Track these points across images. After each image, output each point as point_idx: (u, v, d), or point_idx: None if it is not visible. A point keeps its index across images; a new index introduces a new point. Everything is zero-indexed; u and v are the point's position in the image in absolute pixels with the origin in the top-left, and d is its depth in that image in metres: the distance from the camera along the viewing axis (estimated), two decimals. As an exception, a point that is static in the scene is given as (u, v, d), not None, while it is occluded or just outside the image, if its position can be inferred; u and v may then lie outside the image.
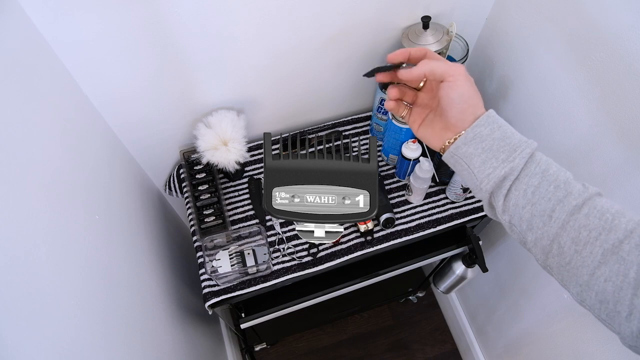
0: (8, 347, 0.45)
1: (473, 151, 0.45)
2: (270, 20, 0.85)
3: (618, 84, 0.72)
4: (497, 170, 0.44)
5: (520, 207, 0.44)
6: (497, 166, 0.44)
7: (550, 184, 0.43)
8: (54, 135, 0.69)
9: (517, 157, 0.44)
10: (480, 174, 0.45)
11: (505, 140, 0.45)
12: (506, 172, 0.44)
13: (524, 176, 0.44)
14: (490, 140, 0.45)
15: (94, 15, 0.72)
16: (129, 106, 0.92)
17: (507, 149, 0.44)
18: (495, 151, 0.44)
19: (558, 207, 0.42)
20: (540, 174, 0.44)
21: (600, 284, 0.40)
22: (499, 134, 0.45)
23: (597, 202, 0.42)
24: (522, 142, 0.45)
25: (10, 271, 0.49)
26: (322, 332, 1.76)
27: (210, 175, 1.05)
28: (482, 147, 0.45)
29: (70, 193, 0.69)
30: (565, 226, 0.42)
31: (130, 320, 0.79)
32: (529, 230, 0.44)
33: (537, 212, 0.43)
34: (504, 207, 0.45)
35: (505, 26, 0.97)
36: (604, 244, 0.40)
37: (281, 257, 0.98)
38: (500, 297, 1.34)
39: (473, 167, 0.46)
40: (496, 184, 0.45)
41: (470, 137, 0.45)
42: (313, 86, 1.06)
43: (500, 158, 0.44)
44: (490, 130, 0.45)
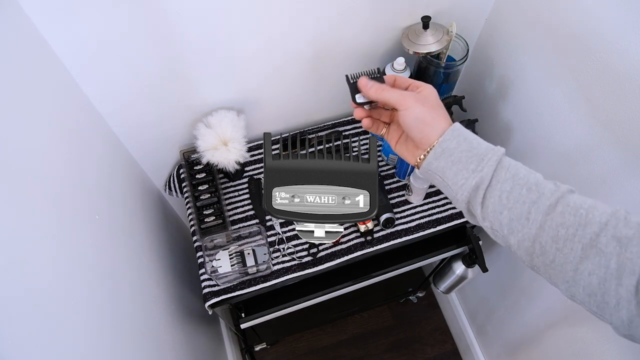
0: (8, 347, 0.45)
1: (444, 165, 0.48)
2: (270, 20, 0.85)
3: (618, 84, 0.72)
4: (469, 180, 0.46)
5: (498, 212, 0.46)
6: (468, 176, 0.46)
7: (522, 187, 0.45)
8: (55, 135, 0.69)
9: (485, 165, 0.46)
10: (454, 186, 0.48)
11: (472, 151, 0.47)
12: (477, 182, 0.46)
13: (496, 183, 0.46)
14: (458, 152, 0.47)
15: (95, 16, 0.72)
16: (129, 106, 0.92)
17: (475, 159, 0.46)
18: (465, 162, 0.46)
19: (533, 208, 0.44)
20: (510, 179, 0.45)
21: (585, 278, 0.41)
22: (466, 146, 0.47)
23: (570, 199, 0.43)
24: (488, 150, 0.47)
25: (10, 271, 0.49)
26: (322, 332, 1.76)
27: (210, 175, 1.05)
28: (451, 160, 0.47)
29: (71, 193, 0.69)
30: (543, 226, 0.43)
31: (130, 319, 0.79)
32: (510, 234, 0.46)
33: (515, 216, 0.45)
34: (483, 215, 0.47)
35: (505, 26, 0.97)
36: (582, 239, 0.41)
37: (281, 257, 0.98)
38: (500, 297, 1.34)
39: (447, 180, 0.48)
40: (470, 193, 0.47)
41: (439, 152, 0.48)
42: (313, 86, 1.06)
43: (470, 168, 0.46)
44: (456, 143, 0.47)
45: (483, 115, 1.09)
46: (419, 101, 0.49)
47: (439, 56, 0.96)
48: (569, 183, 0.89)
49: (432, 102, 0.50)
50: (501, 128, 1.06)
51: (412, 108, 0.48)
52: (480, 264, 1.08)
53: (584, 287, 0.41)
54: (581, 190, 0.89)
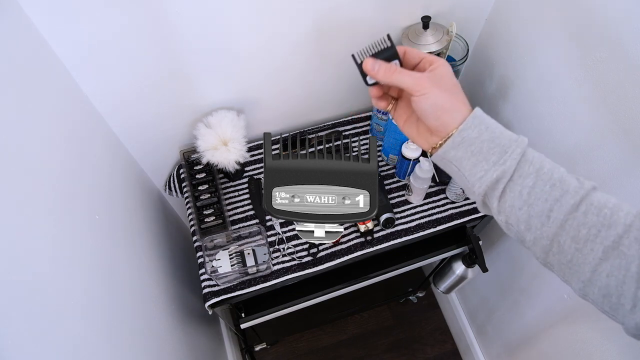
0: (8, 347, 0.45)
1: (462, 155, 0.45)
2: (271, 20, 0.85)
3: (618, 83, 0.72)
4: (489, 174, 0.43)
5: (517, 208, 0.43)
6: (488, 169, 0.44)
7: (546, 184, 0.42)
8: (54, 135, 0.69)
9: (508, 159, 0.43)
10: (471, 177, 0.45)
11: (494, 141, 0.44)
12: (498, 175, 0.43)
13: (518, 177, 0.43)
14: (479, 142, 0.44)
15: (95, 16, 0.72)
16: (129, 106, 0.92)
17: (497, 151, 0.43)
18: (485, 153, 0.44)
19: (555, 206, 0.42)
20: (534, 173, 0.43)
21: (602, 279, 0.40)
22: (487, 136, 0.44)
23: (594, 198, 0.42)
24: (512, 141, 0.44)
25: (11, 271, 0.49)
26: (322, 332, 1.76)
27: (210, 175, 1.05)
28: (471, 150, 0.44)
29: (71, 193, 0.69)
30: (564, 225, 0.42)
31: (130, 319, 0.79)
32: (527, 231, 0.44)
33: (535, 213, 0.43)
34: (499, 209, 0.45)
35: (505, 26, 0.97)
36: (604, 241, 0.40)
37: (281, 257, 0.98)
38: (500, 297, 1.34)
39: (464, 170, 0.45)
40: (489, 187, 0.44)
41: (458, 141, 0.45)
42: (313, 86, 1.06)
43: (491, 160, 0.43)
44: (477, 132, 0.44)
45: (483, 115, 1.09)
46: (435, 84, 0.45)
47: (439, 56, 0.96)
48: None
49: (449, 84, 0.46)
50: (501, 128, 1.06)
51: (429, 94, 0.44)
52: (480, 264, 1.08)
53: (599, 288, 0.40)
54: (581, 190, 0.89)
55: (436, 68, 0.46)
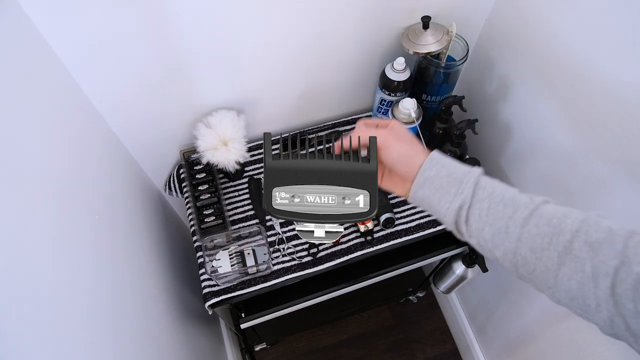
0: (8, 347, 0.45)
1: (428, 192, 0.51)
2: (270, 20, 0.85)
3: (618, 83, 0.72)
4: (453, 204, 0.50)
5: (480, 229, 0.49)
6: (451, 200, 0.50)
7: (499, 204, 0.48)
8: (54, 135, 0.69)
9: (465, 188, 0.49)
10: (441, 209, 0.51)
11: (451, 176, 0.50)
12: (460, 203, 0.49)
13: (475, 202, 0.49)
14: (438, 180, 0.50)
15: (95, 16, 0.72)
16: (129, 106, 0.92)
17: (455, 183, 0.50)
18: (446, 188, 0.50)
19: (510, 222, 0.47)
20: (487, 197, 0.49)
21: (565, 283, 0.43)
22: (444, 172, 0.50)
23: (543, 210, 0.46)
24: (466, 173, 0.50)
25: (11, 271, 0.49)
26: (322, 332, 1.76)
27: (210, 175, 1.05)
28: (434, 187, 0.50)
29: (71, 193, 0.69)
30: (521, 238, 0.46)
31: (130, 319, 0.79)
32: (495, 248, 0.49)
33: (495, 231, 0.48)
34: (468, 233, 0.50)
35: (505, 26, 0.97)
36: (557, 247, 0.44)
37: (281, 257, 0.98)
38: (500, 297, 1.34)
39: (434, 205, 0.52)
40: (455, 215, 0.50)
41: (422, 181, 0.51)
42: (313, 86, 1.06)
43: (451, 192, 0.50)
44: (435, 171, 0.51)
45: (483, 115, 1.09)
46: (395, 137, 0.53)
47: (439, 56, 0.96)
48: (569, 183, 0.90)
49: (407, 136, 0.54)
50: (501, 128, 1.06)
51: (394, 145, 0.52)
52: (480, 264, 1.08)
53: (565, 292, 0.44)
54: (581, 190, 0.89)
55: (393, 126, 0.54)
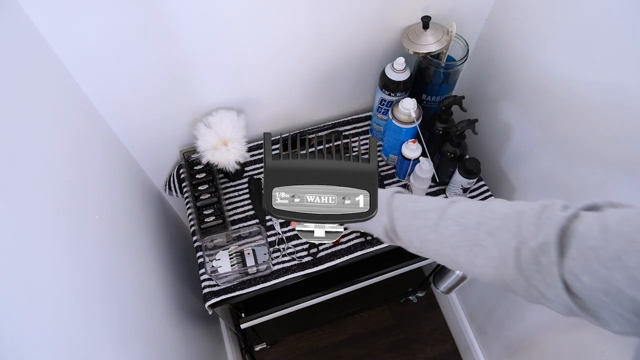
0: (9, 347, 0.45)
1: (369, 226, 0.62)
2: (271, 20, 0.85)
3: (618, 83, 0.72)
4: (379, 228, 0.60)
5: (410, 241, 0.57)
6: (378, 225, 0.60)
7: (412, 219, 0.56)
8: (54, 135, 0.69)
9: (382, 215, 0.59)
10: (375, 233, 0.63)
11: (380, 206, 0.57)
12: (383, 230, 0.59)
13: (396, 222, 0.58)
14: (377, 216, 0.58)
15: (95, 16, 0.72)
16: (128, 106, 0.92)
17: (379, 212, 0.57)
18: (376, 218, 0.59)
19: (425, 231, 0.54)
20: (402, 217, 0.57)
21: (484, 270, 0.49)
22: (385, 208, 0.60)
23: (450, 211, 0.53)
24: (382, 197, 0.58)
25: (10, 271, 0.49)
26: (322, 332, 1.76)
27: (210, 175, 1.05)
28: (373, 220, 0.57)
29: (70, 193, 0.69)
30: (439, 241, 0.53)
31: (130, 319, 0.79)
32: (427, 253, 0.56)
33: (420, 240, 0.55)
34: (405, 246, 0.60)
35: (505, 26, 0.97)
36: (466, 242, 0.50)
37: (281, 257, 0.98)
38: (500, 297, 1.34)
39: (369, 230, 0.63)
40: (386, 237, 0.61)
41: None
42: (313, 86, 1.06)
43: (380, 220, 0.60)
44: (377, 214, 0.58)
45: (483, 115, 1.09)
46: None
47: (439, 56, 0.96)
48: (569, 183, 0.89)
49: None
50: (501, 128, 1.06)
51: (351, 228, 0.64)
52: (480, 264, 1.07)
53: (488, 277, 0.49)
54: (581, 190, 0.89)
55: None
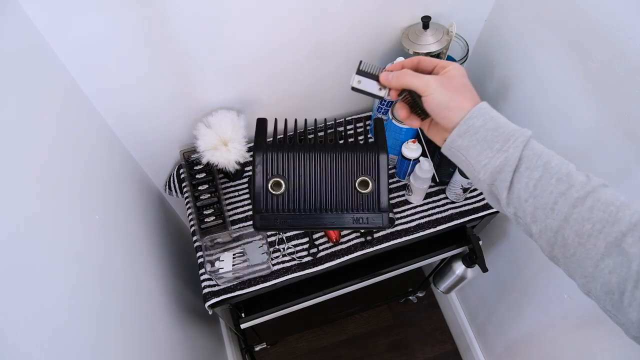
0: (8, 347, 0.45)
1: (468, 143, 0.47)
2: (271, 20, 0.85)
3: (618, 83, 0.72)
4: (493, 161, 0.45)
5: (523, 200, 0.45)
6: (492, 156, 0.46)
7: (552, 177, 0.44)
8: (54, 135, 0.69)
9: (510, 146, 0.45)
10: (477, 165, 0.47)
11: (498, 130, 0.46)
12: (501, 162, 0.45)
13: (525, 169, 0.45)
14: (483, 131, 0.46)
15: (95, 16, 0.72)
16: (129, 106, 0.92)
17: (500, 139, 0.45)
18: (490, 142, 0.46)
19: (560, 199, 0.43)
20: (542, 167, 0.44)
21: (605, 275, 0.40)
22: (492, 125, 0.46)
23: (602, 194, 0.42)
24: (515, 131, 0.46)
25: (8, 271, 0.49)
26: (322, 332, 1.76)
27: (210, 175, 1.05)
28: (476, 138, 0.46)
29: (70, 193, 0.69)
30: (568, 219, 0.42)
31: (130, 320, 0.79)
32: (532, 223, 0.45)
33: (540, 205, 0.44)
34: (507, 200, 0.46)
35: (505, 27, 0.97)
36: (607, 237, 0.40)
37: (281, 257, 0.98)
38: (500, 297, 1.34)
39: (470, 159, 0.47)
40: (493, 174, 0.46)
41: (464, 129, 0.47)
42: (313, 86, 1.06)
43: (494, 148, 0.46)
44: (482, 121, 0.46)
45: (483, 115, 1.09)
46: (442, 85, 0.47)
47: (439, 56, 0.96)
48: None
49: (457, 83, 0.48)
50: (501, 128, 1.06)
51: (434, 94, 0.47)
52: (480, 264, 1.08)
53: (602, 285, 0.41)
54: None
55: (448, 71, 0.49)
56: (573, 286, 1.04)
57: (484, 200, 1.05)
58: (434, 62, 0.51)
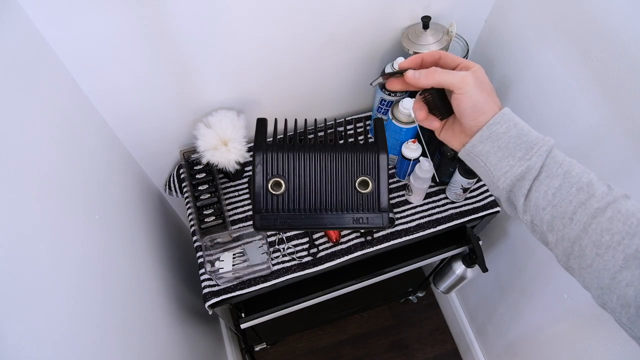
0: (8, 347, 0.45)
1: (489, 149, 0.46)
2: (271, 20, 0.85)
3: (618, 82, 0.72)
4: (514, 169, 0.44)
5: (541, 208, 0.44)
6: (513, 164, 0.44)
7: (572, 186, 0.43)
8: (54, 135, 0.69)
9: (534, 155, 0.44)
10: (497, 172, 0.46)
11: (521, 138, 0.45)
12: (523, 171, 0.44)
13: (545, 177, 0.44)
14: (506, 138, 0.45)
15: (95, 16, 0.72)
16: (129, 106, 0.92)
17: (523, 147, 0.44)
18: (512, 149, 0.45)
19: (580, 209, 0.42)
20: (562, 175, 0.43)
21: (621, 288, 0.39)
22: (515, 132, 0.45)
23: (623, 205, 0.41)
24: (539, 139, 0.45)
25: (9, 271, 0.49)
26: (322, 332, 1.76)
27: (210, 175, 1.05)
28: (498, 145, 0.45)
29: (70, 193, 0.69)
30: (586, 229, 0.42)
31: (130, 320, 0.79)
32: (549, 232, 0.44)
33: (558, 214, 0.43)
34: (524, 208, 0.45)
35: (505, 26, 0.97)
36: (626, 249, 0.39)
37: (281, 257, 0.98)
38: (500, 297, 1.34)
39: (489, 165, 0.46)
40: (513, 182, 0.45)
41: (486, 135, 0.45)
42: (313, 86, 1.06)
43: (516, 156, 0.44)
44: (506, 128, 0.45)
45: (483, 115, 1.09)
46: (477, 84, 0.45)
47: (439, 56, 0.96)
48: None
49: (487, 86, 0.47)
50: (501, 128, 1.06)
51: (470, 92, 0.45)
52: (480, 264, 1.08)
53: (618, 297, 0.40)
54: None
55: (476, 71, 0.47)
56: (573, 286, 1.05)
57: (484, 200, 1.05)
58: (457, 60, 0.49)
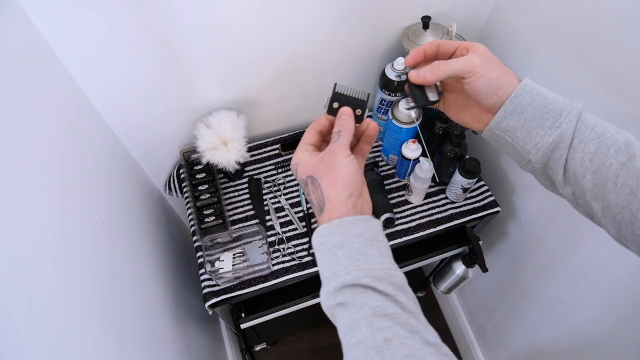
0: (8, 347, 0.45)
1: (515, 123, 0.43)
2: (271, 20, 0.85)
3: (620, 82, 0.72)
4: (545, 139, 0.41)
5: (580, 176, 0.40)
6: (543, 135, 0.42)
7: (610, 148, 0.39)
8: (54, 135, 0.69)
9: (563, 122, 0.41)
10: (526, 145, 0.43)
11: (547, 106, 0.42)
12: (555, 139, 0.41)
13: (579, 143, 0.40)
14: (531, 109, 0.42)
15: (95, 16, 0.72)
16: (129, 106, 0.92)
17: (551, 115, 0.42)
18: (539, 119, 0.42)
19: (622, 172, 0.38)
20: (596, 139, 0.40)
21: None
22: (540, 101, 0.42)
23: None
24: (566, 105, 0.42)
25: (10, 271, 0.49)
26: (322, 332, 1.76)
27: (210, 175, 1.05)
28: (524, 117, 0.42)
29: (70, 193, 0.69)
30: (635, 192, 0.38)
31: (130, 320, 0.79)
32: (594, 201, 0.40)
33: (600, 180, 0.39)
34: (564, 180, 0.42)
35: (505, 27, 0.97)
36: None
37: (281, 257, 0.98)
38: (500, 297, 1.34)
39: (517, 141, 0.43)
40: (546, 154, 0.42)
41: (510, 109, 0.43)
42: (313, 86, 1.06)
43: (545, 125, 0.42)
44: (529, 99, 0.42)
45: (483, 115, 1.09)
46: (485, 63, 0.43)
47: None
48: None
49: (495, 61, 0.45)
50: (501, 128, 1.06)
51: (482, 73, 0.43)
52: (480, 264, 1.08)
53: None
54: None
55: (477, 50, 0.45)
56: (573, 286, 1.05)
57: (484, 200, 1.05)
58: (454, 44, 0.47)
